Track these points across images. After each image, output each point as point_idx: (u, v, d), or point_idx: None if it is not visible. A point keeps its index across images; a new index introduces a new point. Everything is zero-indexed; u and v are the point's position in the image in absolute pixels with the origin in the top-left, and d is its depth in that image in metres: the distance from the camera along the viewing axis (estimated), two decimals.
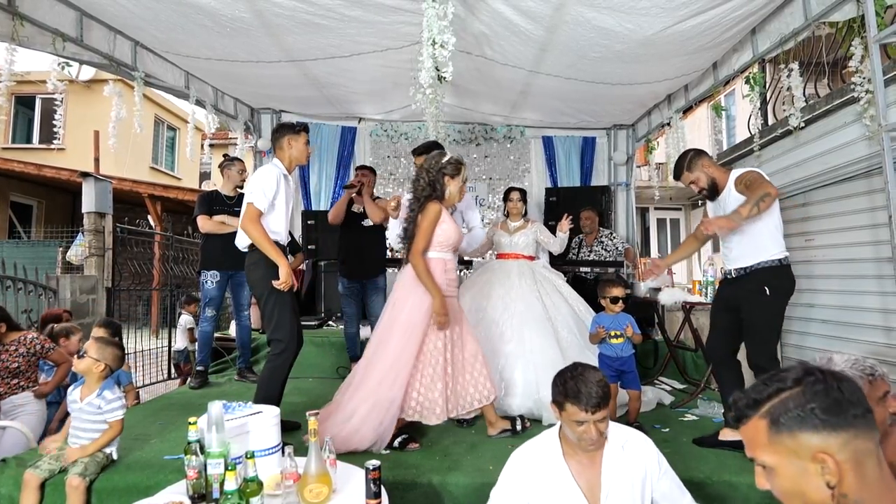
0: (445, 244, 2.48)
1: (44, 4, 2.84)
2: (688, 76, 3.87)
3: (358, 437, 2.26)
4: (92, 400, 2.07)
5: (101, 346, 2.14)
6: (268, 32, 3.24)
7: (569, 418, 1.43)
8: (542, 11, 2.86)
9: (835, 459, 0.76)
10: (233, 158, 3.81)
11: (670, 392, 3.53)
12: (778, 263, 2.29)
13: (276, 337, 2.49)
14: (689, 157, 2.44)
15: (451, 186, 2.50)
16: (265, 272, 2.46)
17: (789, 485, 0.81)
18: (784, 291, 2.32)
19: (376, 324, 2.59)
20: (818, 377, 0.81)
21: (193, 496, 1.59)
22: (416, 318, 2.39)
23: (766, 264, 2.29)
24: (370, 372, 2.40)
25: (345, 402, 2.41)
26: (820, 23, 2.79)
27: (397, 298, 2.49)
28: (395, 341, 2.38)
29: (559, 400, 1.46)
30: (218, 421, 1.60)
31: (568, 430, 1.46)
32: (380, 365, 2.38)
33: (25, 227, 10.16)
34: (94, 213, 5.25)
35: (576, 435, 1.43)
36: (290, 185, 2.63)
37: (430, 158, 2.55)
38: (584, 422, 1.40)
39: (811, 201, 3.59)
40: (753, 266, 2.32)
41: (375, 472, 1.52)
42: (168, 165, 13.24)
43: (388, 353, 2.37)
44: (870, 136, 2.69)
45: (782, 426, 0.80)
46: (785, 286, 2.32)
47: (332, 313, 4.82)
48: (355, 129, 5.51)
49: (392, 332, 2.42)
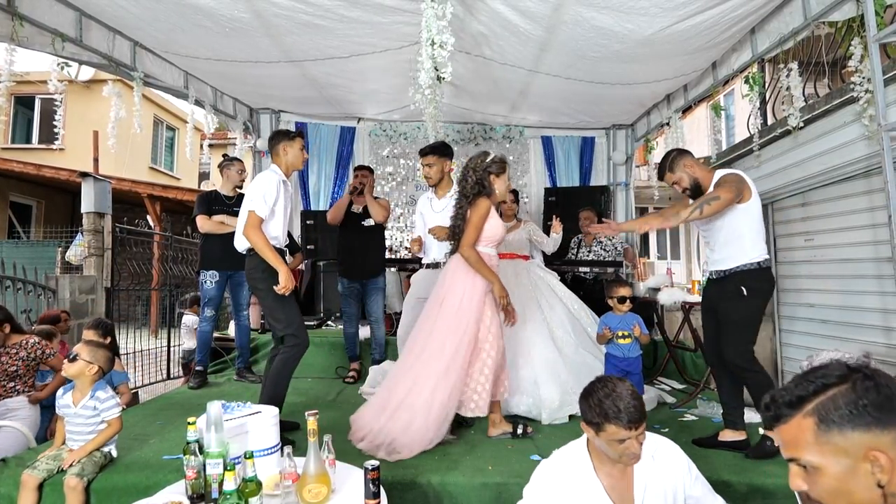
0: (491, 239, 2.55)
1: (43, 4, 2.84)
2: (687, 76, 3.88)
3: (426, 439, 2.28)
4: (86, 403, 2.08)
5: (93, 348, 2.14)
6: (267, 33, 3.24)
7: (608, 438, 1.36)
8: (541, 11, 2.86)
9: (888, 457, 0.74)
10: (232, 158, 3.81)
11: (669, 392, 3.53)
12: (757, 266, 2.31)
13: (289, 332, 2.54)
14: (672, 157, 2.45)
15: (497, 184, 2.56)
16: (265, 275, 2.51)
17: (836, 485, 0.77)
18: (762, 293, 2.34)
19: (420, 319, 2.59)
20: (866, 373, 0.79)
21: (192, 496, 1.59)
22: (468, 315, 2.42)
23: (745, 267, 2.32)
24: (425, 371, 2.39)
25: (401, 404, 2.36)
26: (819, 22, 2.79)
27: (445, 296, 2.49)
28: (449, 338, 2.40)
29: (597, 422, 1.38)
30: (217, 421, 1.59)
31: (607, 448, 1.39)
32: (435, 364, 2.37)
33: (25, 227, 10.16)
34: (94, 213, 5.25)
35: (617, 452, 1.37)
36: (288, 189, 2.67)
37: (474, 159, 2.61)
38: (627, 439, 1.35)
39: (810, 201, 3.59)
40: (732, 269, 2.34)
41: (374, 473, 1.52)
42: (167, 165, 13.24)
43: (445, 351, 2.38)
44: (869, 136, 2.69)
45: (832, 424, 0.77)
46: (763, 288, 2.34)
47: (332, 313, 4.82)
48: (354, 129, 5.50)
49: (444, 329, 2.43)
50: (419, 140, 5.44)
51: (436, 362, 2.37)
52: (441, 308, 2.47)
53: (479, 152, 2.63)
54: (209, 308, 3.63)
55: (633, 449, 1.36)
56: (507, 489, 2.00)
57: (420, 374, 2.39)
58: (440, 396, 2.32)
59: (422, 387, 2.35)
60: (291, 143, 2.64)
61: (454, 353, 2.37)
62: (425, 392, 2.34)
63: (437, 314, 2.47)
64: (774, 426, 0.85)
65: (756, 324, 2.35)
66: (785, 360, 3.89)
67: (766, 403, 0.86)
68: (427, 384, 2.35)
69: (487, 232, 2.51)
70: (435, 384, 2.34)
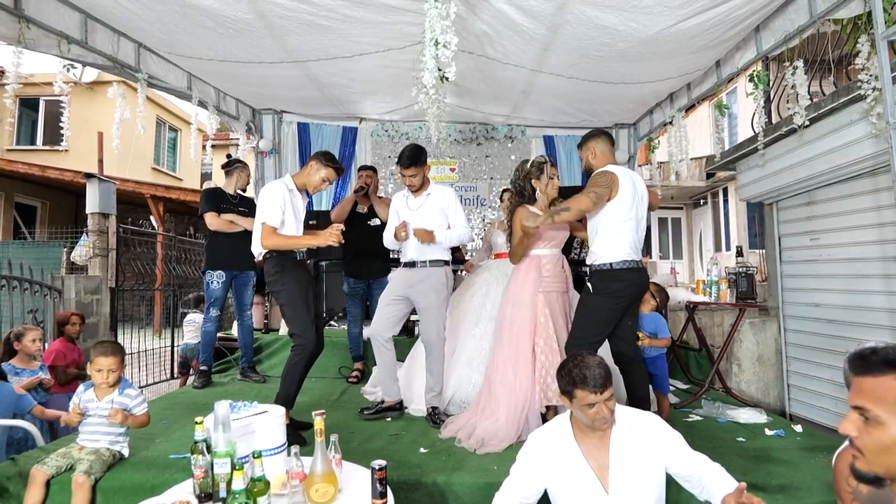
0: (540, 242, 2.65)
1: (49, 7, 2.85)
2: (691, 74, 3.86)
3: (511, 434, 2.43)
4: (115, 399, 2.13)
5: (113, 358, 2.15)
6: (270, 33, 3.24)
7: (580, 403, 1.53)
8: (545, 10, 2.85)
9: None
10: (240, 162, 3.81)
11: (674, 392, 3.52)
12: (608, 267, 2.35)
13: (295, 332, 2.58)
14: (587, 135, 2.57)
15: (540, 186, 2.68)
16: (279, 276, 2.58)
17: (889, 442, 0.88)
18: (609, 292, 2.35)
19: (497, 321, 2.77)
20: None
21: (200, 495, 1.60)
22: (521, 312, 2.59)
23: (596, 267, 2.39)
24: (498, 370, 2.61)
25: (484, 397, 2.62)
26: (825, 20, 2.78)
27: (503, 300, 2.74)
28: (506, 339, 2.63)
29: (568, 389, 1.55)
30: (225, 420, 1.60)
31: (581, 414, 1.55)
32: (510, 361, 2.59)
33: (29, 228, 10.21)
34: (98, 214, 5.27)
35: (588, 418, 1.53)
36: (296, 198, 2.71)
37: (516, 172, 2.76)
38: (595, 403, 1.51)
39: (816, 200, 3.57)
40: (591, 265, 2.44)
41: (381, 472, 1.52)
42: (170, 166, 13.29)
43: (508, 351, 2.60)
44: (876, 134, 2.68)
45: None
46: (611, 288, 2.35)
47: (335, 313, 4.83)
48: (356, 130, 5.51)
49: (507, 330, 2.65)
50: (421, 140, 5.43)
51: (510, 360, 2.58)
52: (501, 311, 2.70)
53: (520, 162, 2.79)
54: (214, 308, 3.64)
55: (604, 413, 1.52)
56: None
57: (497, 372, 2.60)
58: (519, 391, 2.51)
59: (500, 382, 2.57)
60: (322, 169, 2.68)
61: (524, 348, 2.56)
62: (505, 387, 2.54)
63: (499, 318, 2.71)
64: (860, 374, 0.93)
65: (597, 322, 2.37)
66: (790, 360, 3.88)
67: (865, 353, 0.94)
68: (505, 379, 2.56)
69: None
70: (512, 379, 2.54)
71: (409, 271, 2.89)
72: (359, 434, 2.60)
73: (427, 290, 2.82)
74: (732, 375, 3.96)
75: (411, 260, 2.89)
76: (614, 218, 2.35)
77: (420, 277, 2.84)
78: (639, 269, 2.39)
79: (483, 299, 3.19)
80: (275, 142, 5.25)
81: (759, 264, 7.10)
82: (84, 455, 2.05)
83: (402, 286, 2.88)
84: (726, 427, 2.77)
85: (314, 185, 2.71)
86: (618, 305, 2.36)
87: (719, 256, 10.31)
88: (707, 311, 4.27)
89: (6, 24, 2.60)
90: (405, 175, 2.87)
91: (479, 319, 3.12)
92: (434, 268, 2.85)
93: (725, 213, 11.51)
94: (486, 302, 3.17)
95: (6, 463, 2.18)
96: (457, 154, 5.63)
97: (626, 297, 2.38)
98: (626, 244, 2.35)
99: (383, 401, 2.91)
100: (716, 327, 4.29)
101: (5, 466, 2.14)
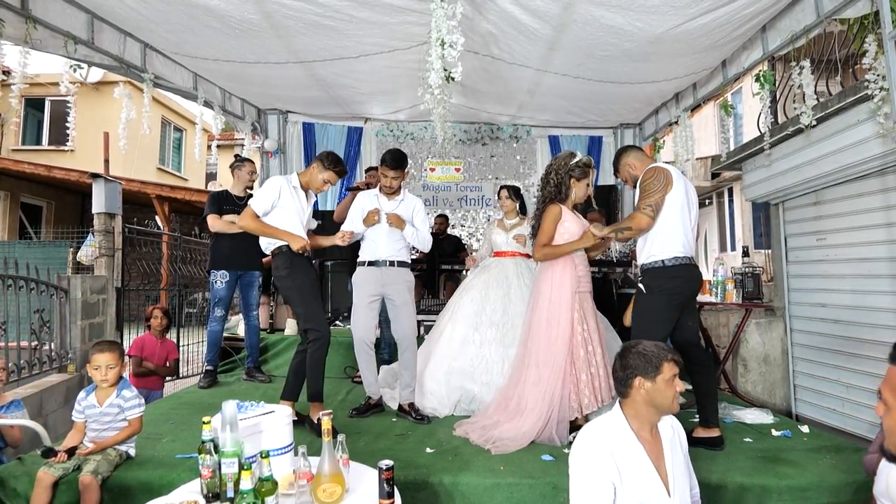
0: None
1: (55, 7, 2.87)
2: (697, 74, 3.85)
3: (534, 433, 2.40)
4: (112, 401, 2.12)
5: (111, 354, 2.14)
6: (276, 34, 3.25)
7: (665, 378, 1.47)
8: (551, 10, 2.85)
9: None
10: (243, 159, 3.83)
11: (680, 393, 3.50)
12: (661, 264, 2.33)
13: (309, 326, 2.62)
14: (618, 159, 2.55)
15: (576, 188, 2.61)
16: (286, 271, 2.62)
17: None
18: (663, 290, 2.32)
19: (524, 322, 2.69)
20: None
21: (208, 495, 1.60)
22: (560, 312, 2.50)
23: (648, 265, 2.37)
24: (530, 372, 2.53)
25: (516, 398, 2.55)
26: (832, 19, 2.76)
27: (537, 300, 2.61)
28: (537, 339, 2.54)
29: (655, 364, 1.48)
30: (232, 420, 1.60)
31: (659, 396, 1.47)
32: (532, 365, 2.53)
33: (35, 228, 10.26)
34: (105, 214, 5.28)
35: (671, 394, 1.48)
36: (298, 194, 2.74)
37: (559, 159, 2.64)
38: (676, 374, 1.49)
39: (823, 200, 3.55)
40: (642, 265, 2.41)
41: (388, 472, 1.53)
42: (175, 166, 13.33)
43: (545, 353, 2.50)
44: (883, 134, 2.65)
45: None
46: (665, 286, 2.32)
47: (339, 313, 4.83)
48: (361, 130, 5.52)
49: (536, 331, 2.56)
50: (426, 140, 5.44)
51: (545, 364, 2.49)
52: (534, 312, 2.60)
53: (566, 152, 2.66)
54: (219, 308, 3.65)
55: (680, 386, 1.50)
56: (518, 489, 2.00)
57: (529, 373, 2.53)
58: (553, 396, 2.43)
59: (534, 383, 2.49)
60: (324, 172, 2.73)
61: (561, 350, 2.47)
62: (538, 389, 2.47)
63: (530, 319, 2.61)
64: (891, 362, 1.08)
65: (656, 321, 2.33)
66: (796, 361, 3.85)
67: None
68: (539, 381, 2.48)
69: (565, 235, 2.57)
70: (545, 382, 2.46)
71: (380, 270, 2.87)
72: (365, 434, 2.60)
73: (402, 287, 2.88)
74: (738, 376, 3.94)
75: (381, 259, 2.87)
76: (667, 213, 2.31)
77: (393, 276, 2.88)
78: (692, 265, 2.35)
79: (482, 303, 3.16)
80: (280, 142, 5.27)
81: (765, 264, 7.06)
82: (90, 455, 2.06)
83: (376, 285, 2.87)
84: (733, 427, 2.76)
85: (316, 186, 2.77)
86: (674, 303, 2.32)
87: (725, 256, 10.25)
88: (713, 311, 4.26)
89: (13, 25, 2.61)
90: (387, 176, 2.87)
91: (479, 325, 3.09)
92: (403, 268, 2.92)
93: (731, 213, 11.46)
94: (486, 305, 3.14)
95: (13, 463, 2.20)
96: (462, 154, 5.62)
97: (682, 293, 2.34)
98: (678, 241, 2.31)
99: (370, 398, 2.98)
100: (722, 327, 4.27)
101: (13, 466, 2.15)
